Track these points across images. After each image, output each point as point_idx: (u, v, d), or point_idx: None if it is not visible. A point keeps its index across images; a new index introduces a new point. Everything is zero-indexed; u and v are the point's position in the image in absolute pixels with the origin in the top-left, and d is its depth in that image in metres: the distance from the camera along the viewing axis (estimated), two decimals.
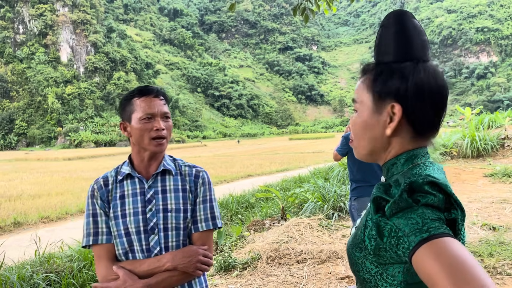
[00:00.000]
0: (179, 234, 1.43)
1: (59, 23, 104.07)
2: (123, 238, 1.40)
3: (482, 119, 13.18)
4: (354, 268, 0.89)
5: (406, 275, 0.79)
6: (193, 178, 1.51)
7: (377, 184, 0.87)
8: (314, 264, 4.09)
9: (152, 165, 1.48)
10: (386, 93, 0.85)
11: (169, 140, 1.49)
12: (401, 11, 0.89)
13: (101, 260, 1.40)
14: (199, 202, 1.49)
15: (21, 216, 9.20)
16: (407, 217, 0.74)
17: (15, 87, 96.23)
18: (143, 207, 1.42)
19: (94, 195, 1.45)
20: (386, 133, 0.86)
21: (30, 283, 3.62)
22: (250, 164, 21.53)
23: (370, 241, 0.81)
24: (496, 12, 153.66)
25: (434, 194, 0.75)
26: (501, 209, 6.08)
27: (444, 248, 0.68)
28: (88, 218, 1.44)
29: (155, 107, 1.43)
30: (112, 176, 1.49)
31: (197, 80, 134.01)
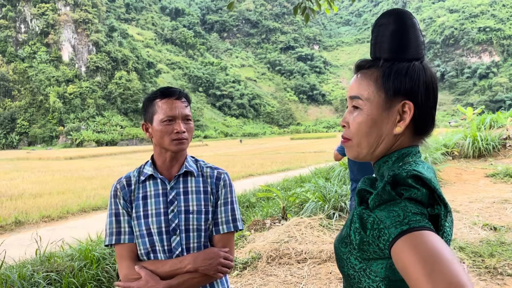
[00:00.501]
0: (200, 236, 1.44)
1: (60, 22, 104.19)
2: (145, 238, 1.42)
3: (483, 119, 13.15)
4: (339, 263, 0.89)
5: (389, 271, 0.79)
6: (214, 180, 1.51)
7: (363, 178, 0.89)
8: (314, 264, 4.09)
9: (174, 166, 1.49)
10: (398, 90, 0.85)
11: (190, 141, 1.49)
12: (403, 9, 0.89)
13: (123, 259, 1.42)
14: (220, 204, 1.50)
15: (22, 215, 9.21)
16: (389, 209, 0.74)
17: (17, 86, 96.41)
18: (165, 208, 1.44)
19: (117, 195, 1.46)
20: (396, 131, 0.86)
21: (30, 282, 3.62)
22: (251, 163, 21.53)
23: (355, 235, 0.82)
24: (498, 12, 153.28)
25: (418, 188, 0.76)
26: (502, 209, 6.06)
27: (422, 241, 0.68)
28: (111, 217, 1.45)
29: (176, 109, 1.43)
30: (134, 176, 1.50)
31: (199, 80, 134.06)
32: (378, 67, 0.88)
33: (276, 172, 16.73)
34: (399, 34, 0.86)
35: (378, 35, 0.89)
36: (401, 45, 0.86)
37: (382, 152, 0.90)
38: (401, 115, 0.86)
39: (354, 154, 0.92)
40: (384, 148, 0.89)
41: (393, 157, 0.89)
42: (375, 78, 0.87)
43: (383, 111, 0.86)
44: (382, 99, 0.86)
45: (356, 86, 0.89)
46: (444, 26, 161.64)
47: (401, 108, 0.85)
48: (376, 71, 0.88)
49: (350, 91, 0.91)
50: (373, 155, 0.91)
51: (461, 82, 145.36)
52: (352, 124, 0.89)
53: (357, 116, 0.88)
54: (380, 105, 0.86)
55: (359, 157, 0.92)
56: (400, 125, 0.86)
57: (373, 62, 0.89)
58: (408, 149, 0.89)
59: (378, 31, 0.89)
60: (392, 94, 0.85)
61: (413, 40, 0.87)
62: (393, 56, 0.86)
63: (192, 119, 1.50)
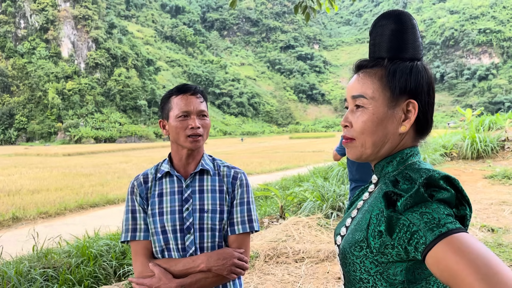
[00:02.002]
0: (214, 235, 1.43)
1: (60, 18, 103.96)
2: (160, 236, 1.41)
3: (482, 121, 13.16)
4: (349, 268, 0.87)
5: (408, 274, 0.79)
6: (231, 180, 1.50)
7: (383, 179, 0.88)
8: (312, 263, 4.09)
9: (190, 164, 1.48)
10: (403, 89, 0.85)
11: (206, 138, 1.48)
12: (403, 10, 0.90)
13: (138, 256, 1.42)
14: (236, 204, 1.48)
15: (19, 211, 9.19)
16: (422, 211, 0.73)
17: (16, 81, 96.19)
18: (180, 206, 1.43)
19: (134, 192, 1.46)
20: (401, 130, 0.86)
21: (27, 278, 3.61)
22: (250, 162, 21.53)
23: (374, 238, 0.80)
24: (498, 14, 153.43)
25: (448, 190, 0.75)
26: (500, 211, 6.07)
27: (466, 243, 0.67)
28: (128, 214, 1.45)
29: (191, 105, 1.43)
30: (152, 174, 1.49)
31: (198, 78, 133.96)
32: (382, 66, 0.87)
33: (274, 171, 16.72)
34: (399, 34, 0.87)
35: (378, 34, 0.90)
36: (400, 45, 0.87)
37: (386, 152, 0.89)
38: (405, 114, 0.86)
39: (357, 154, 0.91)
40: (389, 148, 0.89)
41: (397, 157, 0.89)
42: (380, 77, 0.87)
43: (388, 109, 0.86)
44: (387, 97, 0.86)
45: (359, 85, 0.89)
46: (444, 27, 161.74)
47: (406, 107, 0.86)
48: (380, 70, 0.88)
49: (351, 90, 0.91)
50: (377, 155, 0.90)
51: (460, 84, 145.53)
52: (356, 123, 0.88)
53: (361, 115, 0.88)
54: (385, 103, 0.86)
55: (362, 157, 0.91)
56: (405, 124, 0.86)
57: (375, 61, 0.89)
58: (411, 149, 0.89)
59: (378, 31, 0.90)
60: (398, 93, 0.85)
61: (412, 40, 0.88)
62: (392, 56, 0.87)
63: (208, 115, 1.49)
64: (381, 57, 0.89)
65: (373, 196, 0.91)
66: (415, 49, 0.88)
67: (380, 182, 0.92)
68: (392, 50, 0.87)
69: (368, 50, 0.94)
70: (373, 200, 0.89)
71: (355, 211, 0.96)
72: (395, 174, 0.86)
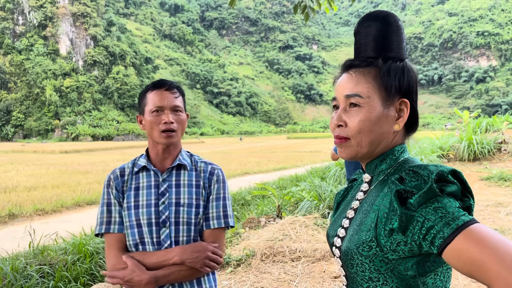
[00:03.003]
0: (190, 230, 1.44)
1: (59, 15, 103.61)
2: (134, 229, 1.42)
3: (479, 123, 13.20)
4: (357, 268, 0.87)
5: (419, 268, 0.80)
6: (207, 175, 1.51)
7: (389, 178, 0.88)
8: (308, 262, 4.10)
9: (167, 158, 1.50)
10: (397, 88, 0.87)
11: (181, 133, 1.49)
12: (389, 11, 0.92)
13: (112, 249, 1.42)
14: (212, 199, 1.49)
15: (16, 207, 9.17)
16: (435, 207, 0.74)
17: (13, 78, 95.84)
18: (156, 200, 1.44)
19: (110, 185, 1.48)
20: (395, 128, 0.88)
21: (23, 274, 3.61)
22: (247, 161, 21.55)
23: (384, 237, 0.80)
24: (497, 17, 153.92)
25: (455, 183, 0.77)
26: (496, 212, 6.10)
27: (485, 233, 0.69)
28: (103, 207, 1.46)
29: (165, 100, 1.44)
30: (129, 168, 1.51)
31: (196, 76, 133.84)
32: (375, 66, 0.88)
33: (272, 171, 16.75)
34: (385, 34, 0.89)
35: (364, 34, 0.91)
36: (387, 45, 0.89)
37: (381, 150, 0.90)
38: (398, 113, 0.88)
39: (352, 153, 0.91)
40: (384, 146, 0.90)
41: (390, 154, 0.90)
42: (374, 76, 0.88)
43: (383, 108, 0.87)
44: (382, 97, 0.87)
45: (353, 85, 0.89)
46: (443, 29, 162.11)
47: (398, 106, 0.88)
48: (373, 69, 0.88)
49: (344, 89, 0.90)
50: (372, 154, 0.91)
51: (458, 86, 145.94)
52: (353, 122, 0.88)
53: (357, 114, 0.88)
54: (380, 103, 0.87)
55: (357, 156, 0.91)
56: (399, 123, 0.88)
57: (367, 60, 0.89)
58: (401, 146, 0.91)
59: (364, 31, 0.91)
60: (393, 92, 0.87)
61: (398, 41, 0.90)
62: (378, 55, 0.89)
63: (183, 111, 1.50)
64: (370, 56, 0.89)
65: (372, 195, 0.90)
66: (401, 49, 0.90)
67: (375, 180, 0.93)
68: (379, 50, 0.89)
69: (354, 50, 0.94)
70: (374, 199, 0.88)
71: (351, 211, 0.95)
72: (393, 171, 0.88)
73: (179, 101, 1.48)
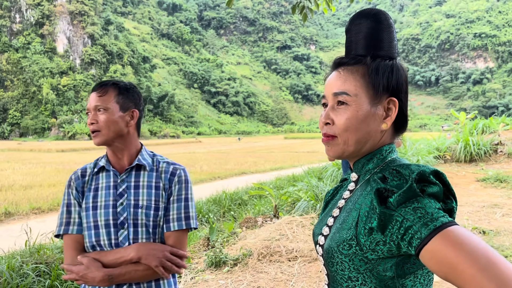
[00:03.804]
0: (148, 232, 1.40)
1: (56, 13, 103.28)
2: (91, 231, 1.39)
3: (476, 124, 13.25)
4: (337, 267, 0.86)
5: (398, 269, 0.79)
6: (168, 176, 1.46)
7: (364, 177, 0.90)
8: (304, 262, 4.11)
9: (121, 159, 1.47)
10: (385, 87, 0.87)
11: (112, 132, 1.42)
12: (380, 10, 0.92)
13: (69, 249, 1.40)
14: (173, 200, 1.45)
15: (12, 206, 9.15)
16: (415, 207, 0.74)
17: (10, 76, 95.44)
18: (114, 201, 1.41)
19: (71, 185, 1.46)
20: (382, 127, 0.88)
21: (19, 273, 3.60)
22: (245, 161, 21.55)
23: (364, 236, 0.80)
24: (494, 18, 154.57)
25: (437, 184, 0.76)
26: (491, 213, 6.13)
27: (462, 236, 0.69)
28: (63, 207, 1.44)
29: (91, 101, 1.42)
30: (90, 168, 1.49)
31: (194, 76, 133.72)
32: (364, 64, 0.88)
33: (269, 171, 16.76)
34: (376, 32, 0.89)
35: (355, 32, 0.91)
36: (377, 43, 0.88)
37: (368, 149, 0.90)
38: (386, 112, 0.88)
39: (338, 152, 0.90)
40: (370, 146, 0.89)
41: (377, 154, 0.90)
42: (362, 74, 0.87)
43: (371, 107, 0.86)
44: (370, 95, 0.86)
45: (341, 82, 0.88)
46: (440, 30, 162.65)
47: (387, 105, 0.87)
48: (361, 67, 0.88)
49: (332, 87, 0.90)
50: (359, 153, 0.90)
51: (455, 87, 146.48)
52: (340, 120, 0.87)
53: (344, 112, 0.87)
54: (368, 101, 0.86)
55: (343, 155, 0.90)
56: (386, 122, 0.87)
57: (357, 58, 0.89)
58: (389, 146, 0.91)
59: (355, 29, 0.91)
60: (381, 90, 0.86)
61: (389, 39, 0.89)
62: (367, 53, 0.88)
63: (108, 108, 1.41)
64: (360, 54, 0.89)
65: (357, 193, 0.90)
66: (391, 48, 0.90)
67: (361, 180, 0.92)
68: (369, 48, 0.88)
69: (345, 48, 0.95)
70: (358, 197, 0.88)
71: (336, 210, 0.95)
72: (379, 171, 0.87)
73: (104, 99, 1.41)
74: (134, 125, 1.48)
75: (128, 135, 1.46)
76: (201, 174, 15.47)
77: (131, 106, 1.47)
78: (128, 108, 1.46)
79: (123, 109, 1.44)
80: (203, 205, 8.08)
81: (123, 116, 1.44)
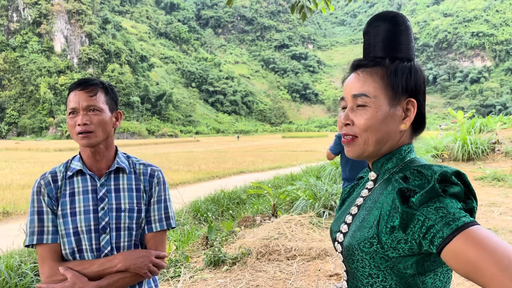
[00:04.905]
0: (131, 235, 1.39)
1: (53, 12, 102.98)
2: (71, 238, 1.34)
3: (474, 123, 13.28)
4: (357, 264, 0.88)
5: (418, 267, 0.81)
6: (148, 178, 1.45)
7: (393, 176, 0.89)
8: (303, 261, 4.12)
9: (100, 161, 1.42)
10: (404, 88, 0.88)
11: (104, 134, 1.38)
12: (399, 12, 0.93)
13: (46, 260, 1.33)
14: (154, 202, 1.44)
15: (10, 205, 9.13)
16: (437, 206, 0.75)
17: (7, 75, 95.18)
18: (94, 206, 1.37)
19: (41, 192, 1.37)
20: (401, 127, 0.89)
21: (18, 272, 3.60)
22: (243, 160, 21.55)
23: (386, 234, 0.81)
24: (491, 18, 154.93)
25: (458, 184, 0.78)
26: (489, 212, 6.15)
27: (484, 235, 0.70)
28: (33, 215, 1.35)
29: (78, 101, 1.35)
30: (61, 172, 1.41)
31: (192, 75, 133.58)
32: (382, 66, 0.89)
33: (267, 170, 16.75)
34: (394, 35, 0.90)
35: (373, 34, 0.92)
36: (395, 45, 0.90)
37: (387, 149, 0.91)
38: (405, 112, 0.89)
39: (358, 152, 0.91)
40: (390, 146, 0.90)
41: (396, 154, 0.91)
42: (381, 76, 0.88)
43: (390, 108, 0.88)
44: (389, 96, 0.88)
45: (360, 84, 0.89)
46: (438, 29, 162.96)
47: (405, 106, 0.89)
48: (380, 69, 0.89)
49: (351, 89, 0.91)
50: (379, 153, 0.91)
51: (452, 86, 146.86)
52: (359, 120, 0.89)
53: (364, 113, 0.88)
54: (387, 102, 0.88)
55: (363, 155, 0.92)
56: (405, 122, 0.88)
57: (376, 60, 0.90)
58: (408, 146, 0.92)
59: (373, 31, 0.92)
60: (400, 92, 0.88)
61: (407, 41, 0.91)
62: (386, 55, 0.90)
63: (102, 110, 1.37)
64: (378, 56, 0.90)
65: (376, 192, 0.91)
66: (409, 50, 0.91)
67: (380, 179, 0.94)
68: (387, 50, 0.90)
69: (363, 50, 0.96)
70: (378, 196, 0.89)
71: (355, 208, 0.96)
72: (398, 170, 0.89)
73: (96, 99, 1.37)
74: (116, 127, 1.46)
75: (111, 136, 1.44)
76: (199, 173, 15.46)
77: (115, 107, 1.44)
78: (114, 109, 1.43)
79: (111, 110, 1.42)
80: (201, 204, 8.08)
81: (111, 117, 1.42)
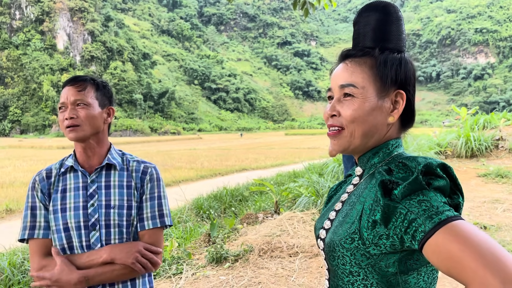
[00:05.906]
0: (121, 232, 1.37)
1: (56, 10, 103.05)
2: (61, 234, 1.35)
3: (477, 120, 13.21)
4: (338, 261, 0.84)
5: (401, 265, 0.78)
6: (140, 174, 1.44)
7: (368, 171, 0.88)
8: (305, 258, 4.11)
9: (91, 157, 1.43)
10: (393, 80, 0.85)
11: (92, 128, 1.39)
12: (389, 2, 0.90)
13: (36, 255, 1.35)
14: (146, 199, 1.43)
15: (13, 203, 9.17)
16: (420, 199, 0.72)
17: (10, 73, 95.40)
18: (84, 202, 1.37)
19: (35, 187, 1.40)
20: (389, 120, 0.86)
21: (21, 269, 3.61)
22: (245, 158, 21.55)
23: (367, 229, 0.79)
24: (495, 14, 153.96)
25: (444, 178, 0.75)
26: (492, 209, 6.13)
27: (467, 230, 0.67)
28: (27, 211, 1.38)
29: (67, 96, 1.38)
30: (56, 169, 1.44)
31: (194, 72, 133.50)
32: (372, 56, 0.86)
33: (270, 167, 16.75)
34: (384, 25, 0.87)
35: (363, 24, 0.89)
36: (385, 35, 0.87)
37: (374, 143, 0.87)
38: (393, 105, 0.86)
39: (344, 145, 0.87)
40: (377, 139, 0.87)
41: (383, 148, 0.88)
42: (370, 66, 0.86)
43: (378, 99, 0.85)
44: (377, 87, 0.85)
45: (348, 74, 0.86)
46: (441, 26, 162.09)
47: (394, 98, 0.86)
48: (369, 59, 0.86)
49: (339, 79, 0.88)
50: (365, 146, 0.88)
51: (456, 83, 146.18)
52: (346, 111, 0.85)
53: (351, 104, 0.85)
54: (375, 93, 0.85)
55: (349, 148, 0.88)
56: (393, 115, 0.85)
57: (364, 50, 0.87)
58: (396, 141, 0.89)
59: (363, 21, 0.89)
60: (389, 83, 0.85)
61: (397, 32, 0.88)
62: (376, 45, 0.87)
63: (90, 104, 1.39)
64: (367, 46, 0.87)
65: (361, 187, 0.89)
66: (400, 41, 0.88)
67: (365, 174, 0.91)
68: (377, 40, 0.87)
69: (352, 40, 0.93)
70: (362, 191, 0.86)
71: (339, 204, 0.93)
72: (385, 163, 0.85)
73: (85, 94, 1.38)
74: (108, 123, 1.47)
75: (103, 132, 1.44)
76: (202, 171, 15.48)
77: (107, 103, 1.46)
78: (105, 105, 1.45)
79: (101, 106, 1.43)
80: (204, 201, 8.08)
81: (101, 112, 1.42)
